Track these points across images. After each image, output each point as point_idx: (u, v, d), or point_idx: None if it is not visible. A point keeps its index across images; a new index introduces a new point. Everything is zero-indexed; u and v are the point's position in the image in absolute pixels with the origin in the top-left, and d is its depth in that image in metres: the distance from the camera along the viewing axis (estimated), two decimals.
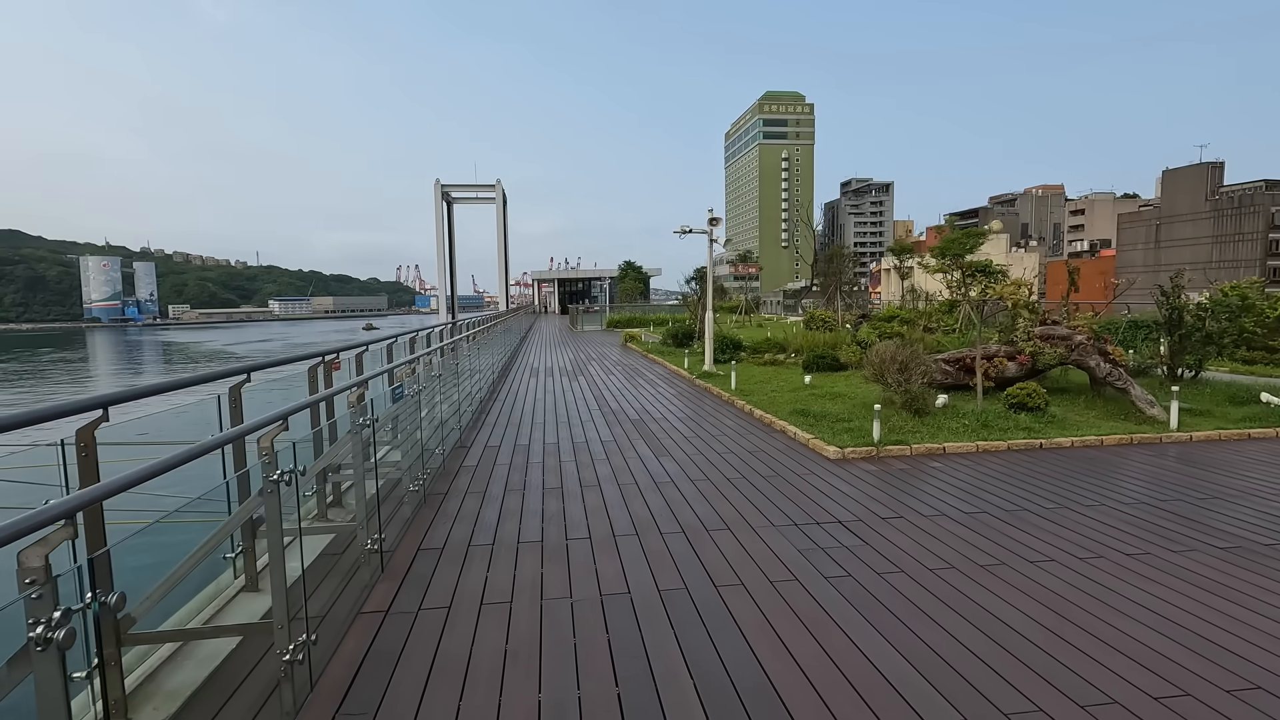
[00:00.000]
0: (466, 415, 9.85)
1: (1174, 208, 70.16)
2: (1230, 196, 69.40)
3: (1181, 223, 69.96)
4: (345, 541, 4.74)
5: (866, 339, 13.99)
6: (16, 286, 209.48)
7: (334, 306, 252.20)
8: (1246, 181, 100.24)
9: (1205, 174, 70.38)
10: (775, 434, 8.96)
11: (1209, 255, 66.48)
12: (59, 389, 51.75)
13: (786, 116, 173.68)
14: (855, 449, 7.58)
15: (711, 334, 15.00)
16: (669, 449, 8.17)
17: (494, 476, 7.09)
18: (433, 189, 44.17)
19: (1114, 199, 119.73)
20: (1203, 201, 68.70)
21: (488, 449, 8.36)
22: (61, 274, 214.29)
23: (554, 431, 9.38)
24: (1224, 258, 65.71)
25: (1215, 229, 67.67)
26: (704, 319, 23.37)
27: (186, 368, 69.31)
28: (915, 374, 9.31)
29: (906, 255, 38.33)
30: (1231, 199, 68.56)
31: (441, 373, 8.28)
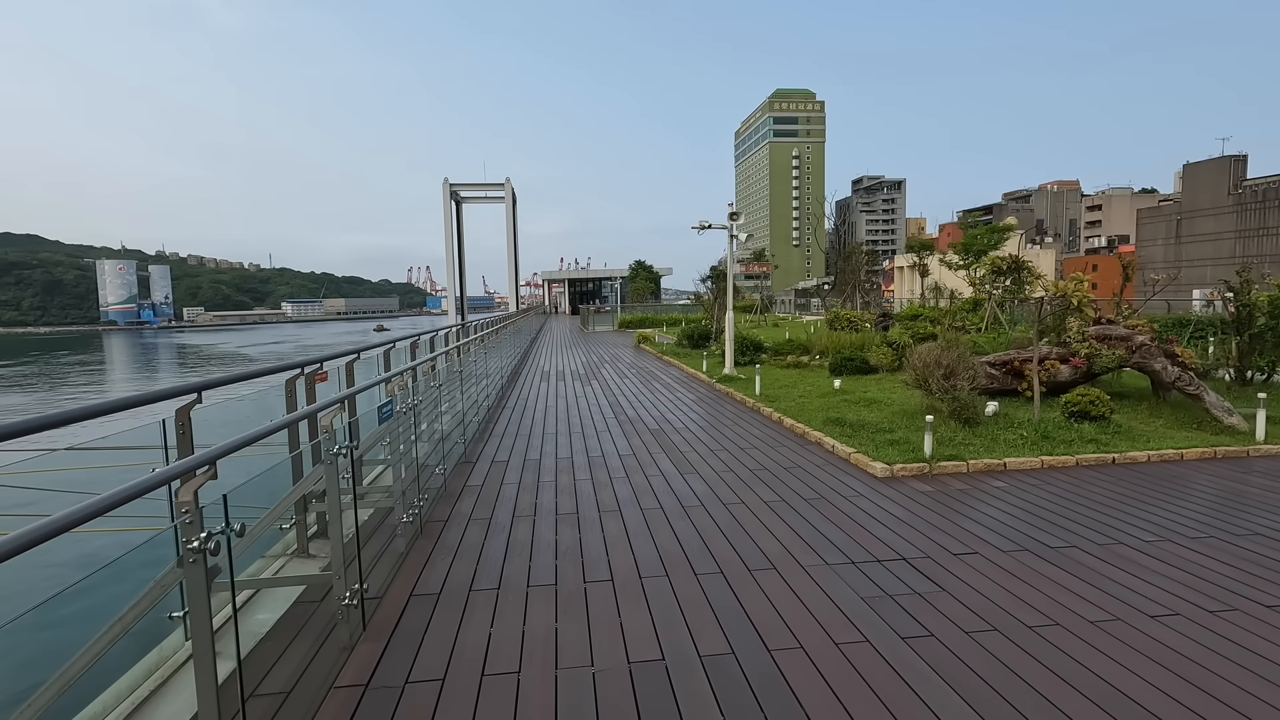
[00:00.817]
0: (472, 426, 9.12)
1: (1195, 202, 68.43)
2: (1254, 190, 67.58)
3: (1203, 217, 68.23)
4: (320, 592, 4.00)
5: (899, 340, 13.14)
6: (35, 290, 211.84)
7: (346, 308, 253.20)
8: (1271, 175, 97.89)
9: (1228, 167, 68.56)
10: (810, 446, 8.15)
11: (1232, 251, 64.81)
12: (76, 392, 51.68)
13: (797, 114, 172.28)
14: (905, 465, 6.76)
15: (732, 335, 14.20)
16: (694, 464, 7.39)
17: (501, 499, 6.33)
18: (441, 188, 43.59)
19: (1131, 194, 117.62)
20: (1225, 196, 66.94)
21: (495, 465, 7.61)
22: (79, 278, 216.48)
23: (567, 443, 8.62)
24: (1248, 253, 63.97)
25: (1238, 224, 65.91)
26: (723, 320, 22.57)
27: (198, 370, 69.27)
28: (962, 379, 8.48)
29: (926, 252, 37.36)
30: (1255, 193, 66.74)
31: (444, 381, 7.54)
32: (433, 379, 6.60)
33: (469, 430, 8.92)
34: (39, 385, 60.10)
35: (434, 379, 6.48)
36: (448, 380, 7.79)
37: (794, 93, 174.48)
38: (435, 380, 6.59)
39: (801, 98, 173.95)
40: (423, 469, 6.11)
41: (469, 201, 48.00)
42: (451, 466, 7.29)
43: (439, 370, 7.52)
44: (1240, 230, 65.57)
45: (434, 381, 6.41)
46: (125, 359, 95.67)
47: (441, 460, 6.78)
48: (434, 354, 7.62)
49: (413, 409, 5.28)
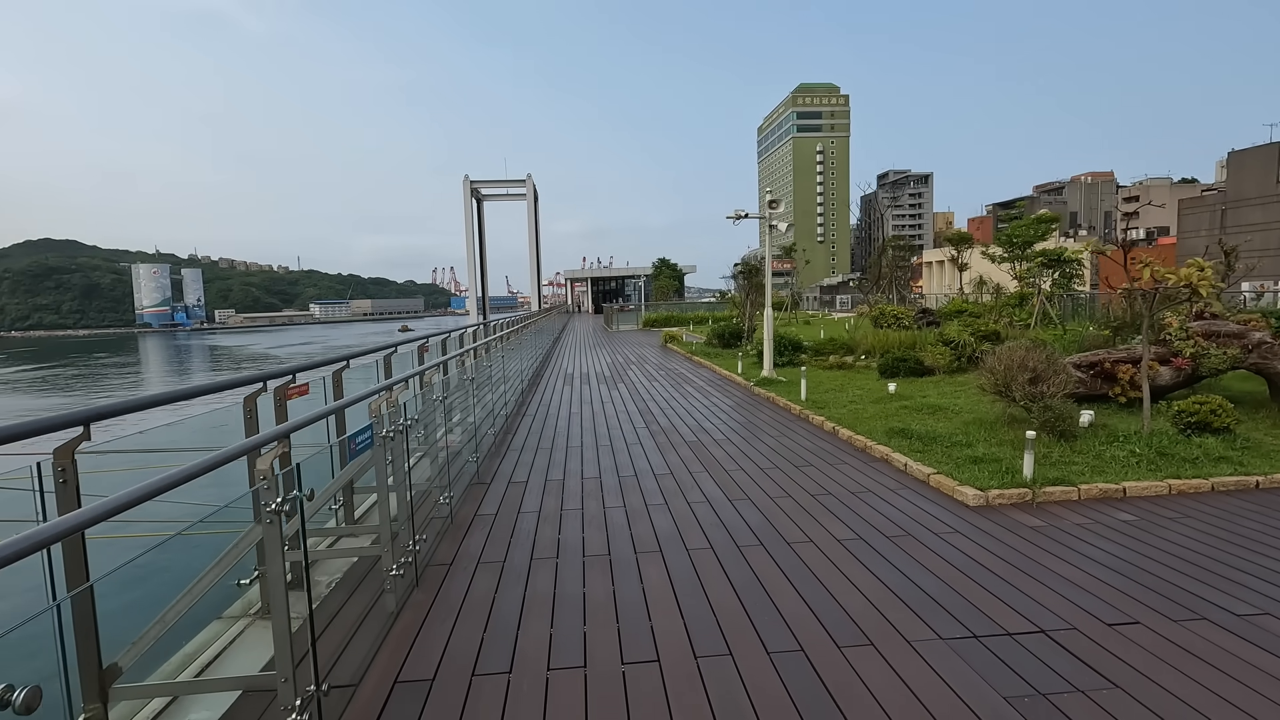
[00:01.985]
0: (487, 440, 8.13)
1: (1241, 191, 65.33)
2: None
3: (1250, 207, 65.10)
4: (258, 708, 2.99)
5: (958, 338, 11.92)
6: (74, 294, 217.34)
7: (372, 309, 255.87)
8: None
9: (1276, 154, 65.51)
10: (875, 464, 7.02)
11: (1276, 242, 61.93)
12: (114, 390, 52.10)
13: (821, 109, 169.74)
14: (1002, 491, 5.61)
15: (770, 334, 13.06)
16: (743, 486, 6.31)
17: (518, 533, 5.31)
18: (461, 186, 42.81)
19: (1171, 184, 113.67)
20: (1274, 184, 63.91)
21: (511, 487, 6.59)
22: (115, 281, 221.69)
23: (594, 459, 7.59)
24: None
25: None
26: (755, 317, 21.39)
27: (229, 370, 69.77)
28: (1053, 384, 7.28)
29: (965, 246, 35.70)
30: None
31: (453, 390, 6.55)
32: (434, 392, 5.61)
33: (483, 445, 7.94)
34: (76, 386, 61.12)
35: (436, 391, 5.49)
36: (458, 389, 6.81)
37: (818, 87, 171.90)
38: (440, 393, 5.59)
39: (825, 92, 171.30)
40: (422, 500, 5.13)
41: (490, 199, 47.16)
42: (461, 491, 6.29)
43: (449, 378, 6.54)
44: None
45: (435, 395, 5.41)
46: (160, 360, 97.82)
47: (448, 486, 5.79)
48: (441, 359, 6.64)
49: (404, 430, 4.28)
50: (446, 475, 5.80)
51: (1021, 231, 28.42)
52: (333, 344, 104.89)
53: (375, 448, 3.90)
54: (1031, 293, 26.05)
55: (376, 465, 4.12)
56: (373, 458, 3.91)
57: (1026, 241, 28.44)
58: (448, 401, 6.49)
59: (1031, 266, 27.93)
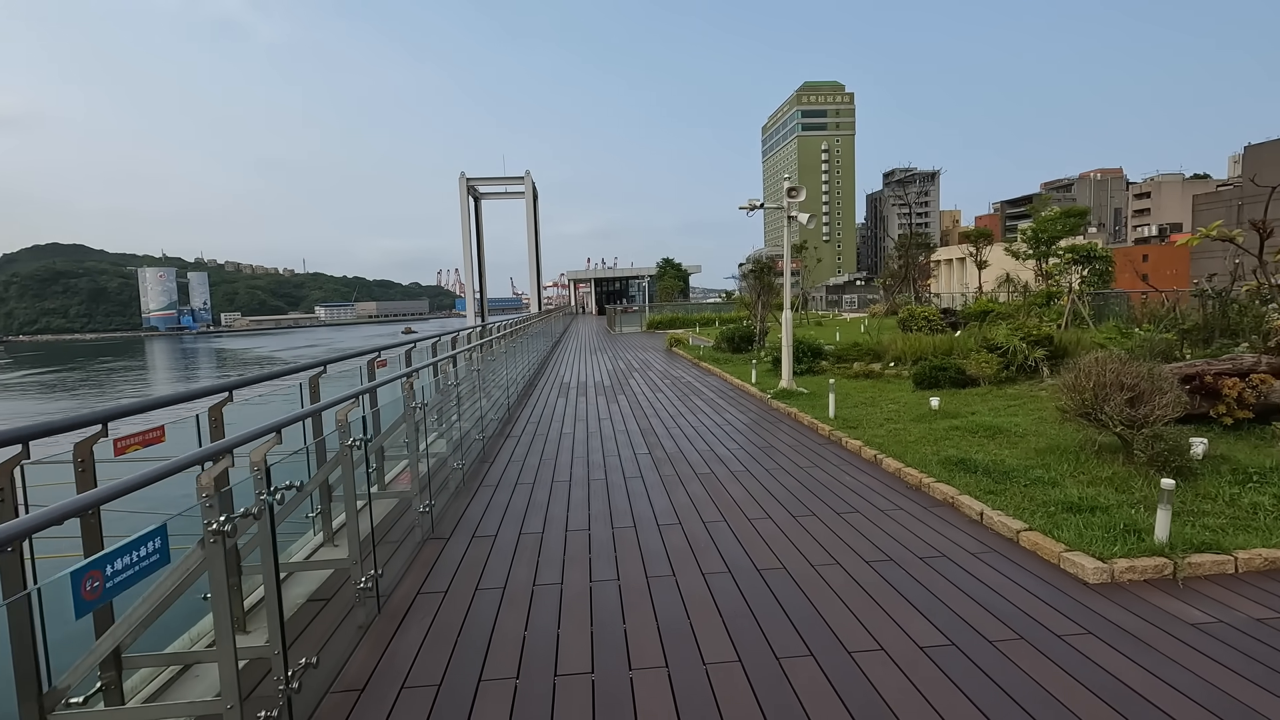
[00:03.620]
0: (455, 477, 6.67)
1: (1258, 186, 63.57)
2: None
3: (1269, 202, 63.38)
4: None
5: (1007, 343, 10.41)
6: (81, 298, 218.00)
7: (377, 311, 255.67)
8: None
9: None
10: (938, 509, 5.54)
11: None
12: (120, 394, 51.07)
13: (826, 107, 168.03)
14: (1130, 562, 4.13)
15: (790, 340, 11.57)
16: (772, 543, 4.85)
17: (468, 633, 3.83)
18: (457, 183, 41.31)
19: (1183, 180, 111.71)
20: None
21: (475, 545, 5.13)
22: (122, 285, 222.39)
23: (584, 500, 6.14)
24: None
25: None
26: (774, 319, 19.89)
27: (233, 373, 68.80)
28: (1158, 407, 5.78)
29: (985, 242, 34.14)
30: None
31: (419, 411, 5.12)
32: (354, 433, 4.17)
33: (449, 483, 6.50)
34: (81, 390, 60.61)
35: (355, 432, 4.03)
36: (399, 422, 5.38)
37: (822, 85, 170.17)
38: (360, 432, 4.14)
39: (830, 90, 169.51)
40: (337, 585, 3.71)
41: (488, 197, 45.56)
42: (406, 559, 4.83)
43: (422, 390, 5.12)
44: None
45: (353, 438, 3.95)
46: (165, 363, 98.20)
47: (396, 548, 4.35)
48: (401, 374, 5.22)
49: (296, 498, 2.85)
50: (403, 530, 4.37)
51: (1048, 227, 26.88)
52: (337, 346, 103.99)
53: (259, 522, 2.51)
54: (1060, 291, 24.52)
55: (262, 547, 2.72)
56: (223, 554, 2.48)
57: (1053, 237, 26.91)
58: (386, 439, 5.06)
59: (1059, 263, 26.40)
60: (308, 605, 4.06)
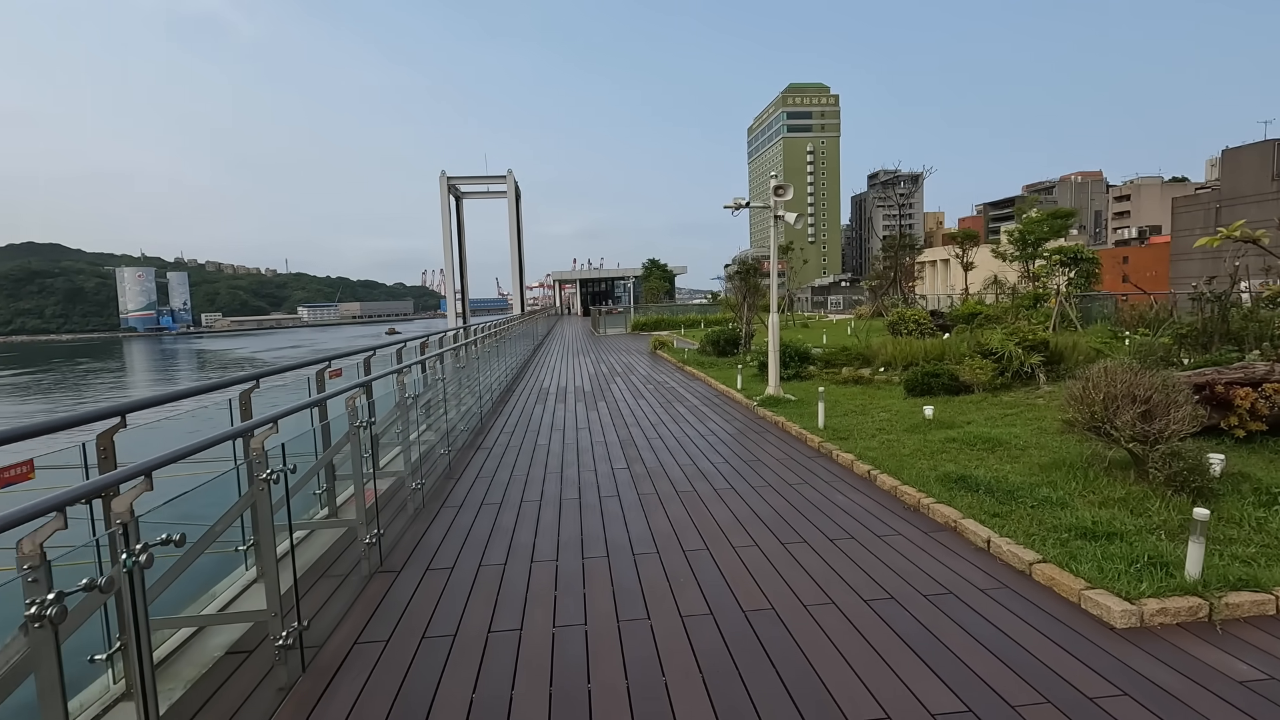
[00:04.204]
0: (414, 499, 6.12)
1: (1236, 189, 64.05)
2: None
3: (1245, 205, 63.83)
4: None
5: (1002, 348, 10.01)
6: (57, 298, 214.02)
7: (361, 312, 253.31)
8: None
9: (1271, 151, 64.27)
10: (940, 534, 5.07)
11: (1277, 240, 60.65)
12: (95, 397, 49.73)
13: (811, 109, 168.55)
14: (1161, 603, 3.68)
15: (777, 345, 11.10)
16: (759, 576, 4.36)
17: (405, 701, 3.31)
18: (438, 182, 40.51)
19: (1162, 183, 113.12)
20: (1269, 181, 62.69)
21: (428, 579, 4.58)
22: (99, 285, 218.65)
23: (554, 523, 5.61)
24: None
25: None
26: (761, 322, 19.43)
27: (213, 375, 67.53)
28: (1172, 420, 5.36)
29: (971, 244, 33.98)
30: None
31: (350, 439, 4.58)
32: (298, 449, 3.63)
33: (409, 503, 5.95)
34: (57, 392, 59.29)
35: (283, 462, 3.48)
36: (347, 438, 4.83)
37: (808, 87, 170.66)
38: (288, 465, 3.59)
39: (815, 92, 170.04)
40: (257, 641, 3.17)
41: (469, 197, 44.81)
42: (350, 598, 4.29)
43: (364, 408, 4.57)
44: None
45: (277, 471, 3.40)
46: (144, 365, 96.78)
47: (322, 601, 3.80)
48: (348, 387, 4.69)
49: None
50: (322, 579, 3.82)
51: (1035, 228, 26.68)
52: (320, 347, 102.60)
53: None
54: (1047, 293, 24.33)
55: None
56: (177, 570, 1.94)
57: (1039, 239, 26.72)
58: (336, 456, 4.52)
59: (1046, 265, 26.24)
60: (226, 659, 3.51)
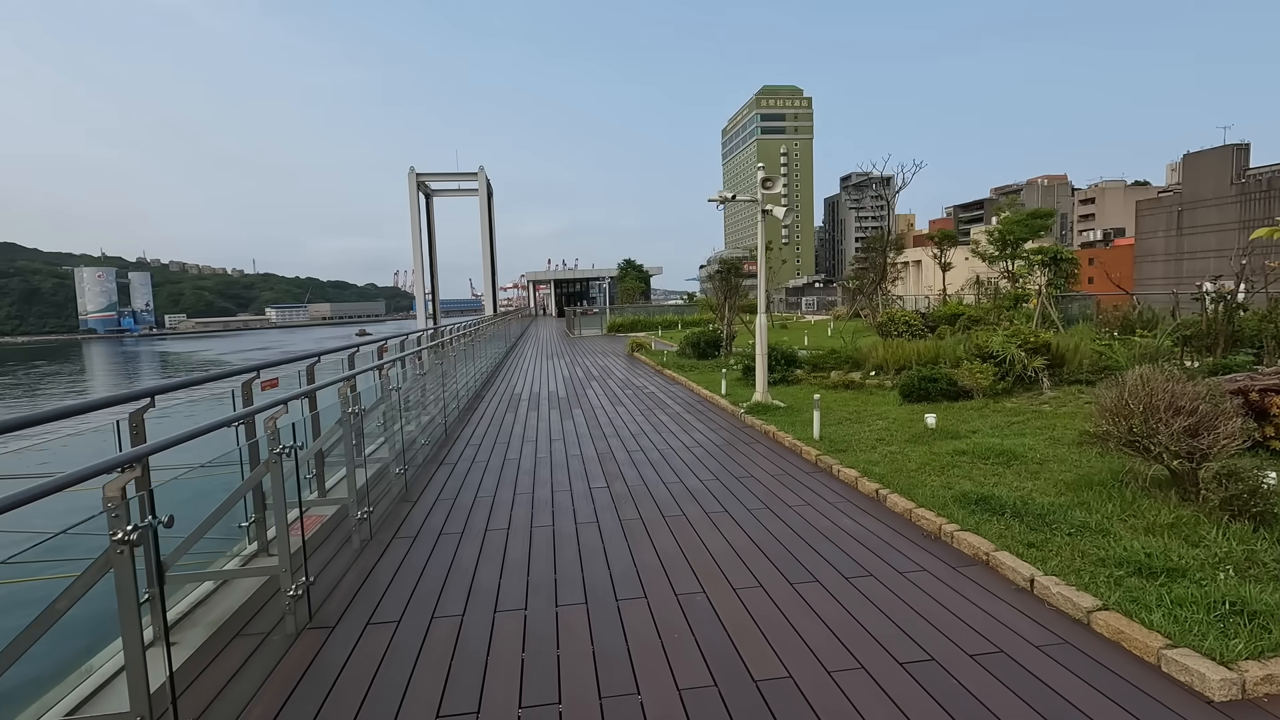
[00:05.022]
0: (361, 530, 5.27)
1: (1197, 192, 65.62)
2: (1258, 179, 64.90)
3: (1205, 208, 65.51)
4: None
5: (1003, 351, 9.44)
6: (11, 299, 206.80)
7: (331, 313, 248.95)
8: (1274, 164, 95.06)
9: (1230, 156, 65.78)
10: (969, 568, 4.39)
11: (1235, 242, 62.17)
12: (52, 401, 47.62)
13: (784, 111, 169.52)
14: (1264, 667, 3.02)
15: (764, 349, 10.42)
16: (772, 635, 3.63)
17: None
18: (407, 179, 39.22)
19: (1125, 187, 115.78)
20: (1228, 185, 64.20)
21: (367, 640, 3.77)
22: (57, 286, 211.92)
23: (522, 560, 4.82)
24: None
25: (1243, 214, 63.05)
26: (744, 323, 18.79)
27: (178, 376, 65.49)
28: (1221, 435, 4.75)
29: (949, 245, 33.82)
30: (1260, 182, 64.07)
31: (270, 469, 3.75)
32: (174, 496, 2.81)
33: (354, 537, 5.11)
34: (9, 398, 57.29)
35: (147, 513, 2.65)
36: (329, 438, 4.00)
37: (781, 89, 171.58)
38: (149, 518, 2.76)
39: (789, 94, 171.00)
40: None
41: (439, 194, 43.53)
42: (267, 669, 3.46)
43: (289, 431, 3.75)
44: (1244, 221, 62.60)
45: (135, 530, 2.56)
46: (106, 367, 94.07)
47: (226, 679, 2.98)
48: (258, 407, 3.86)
49: None
50: (230, 645, 3.00)
51: (1014, 228, 26.49)
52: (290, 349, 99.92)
53: None
54: (1029, 293, 24.13)
55: None
56: None
57: (1019, 239, 26.54)
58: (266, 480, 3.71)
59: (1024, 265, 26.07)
60: None
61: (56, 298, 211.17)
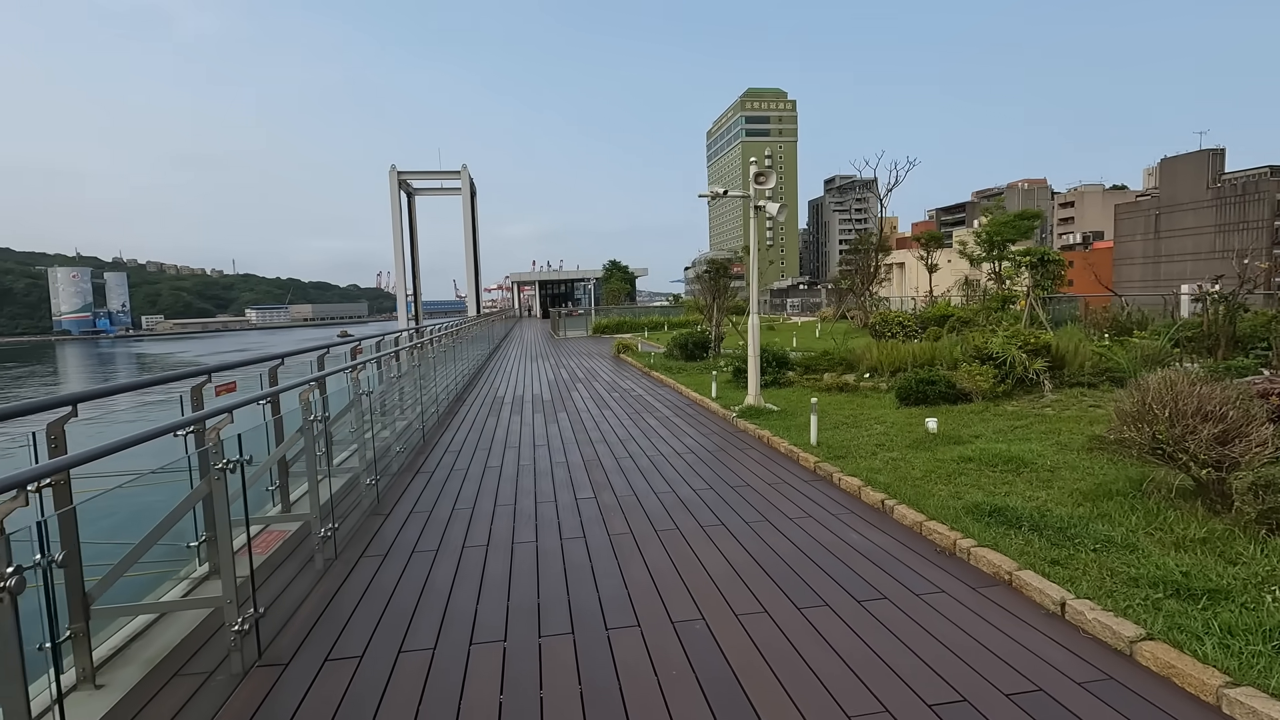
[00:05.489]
0: (324, 548, 4.82)
1: (1174, 197, 66.64)
2: (1233, 184, 66.04)
3: (1182, 212, 66.57)
4: None
5: (1004, 353, 9.14)
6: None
7: (313, 314, 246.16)
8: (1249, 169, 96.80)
9: (1206, 161, 66.90)
10: (994, 590, 4.03)
11: (1211, 245, 63.35)
12: None
13: (769, 113, 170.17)
14: None
15: (757, 350, 10.05)
16: (782, 672, 3.24)
17: None
18: (388, 177, 38.51)
19: (1103, 190, 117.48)
20: (1204, 190, 65.24)
21: (323, 682, 3.32)
22: (30, 286, 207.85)
23: (502, 583, 4.40)
24: (1228, 247, 62.57)
25: (1218, 218, 64.26)
26: (723, 324, 18.44)
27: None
28: (1254, 442, 4.45)
29: (936, 246, 33.78)
30: (1235, 186, 65.22)
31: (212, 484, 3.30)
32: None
33: (317, 558, 4.66)
34: None
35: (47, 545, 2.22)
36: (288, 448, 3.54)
37: (765, 92, 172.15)
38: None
39: (773, 97, 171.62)
40: None
41: (421, 193, 42.82)
42: (214, 707, 3.01)
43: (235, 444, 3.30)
44: (1220, 224, 63.67)
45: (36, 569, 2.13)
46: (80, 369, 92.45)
47: None
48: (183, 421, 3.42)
49: None
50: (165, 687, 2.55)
51: (1002, 230, 26.46)
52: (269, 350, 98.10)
53: None
54: (1017, 294, 24.08)
55: None
56: None
57: (1007, 240, 26.49)
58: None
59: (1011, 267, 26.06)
60: None
61: (29, 298, 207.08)
